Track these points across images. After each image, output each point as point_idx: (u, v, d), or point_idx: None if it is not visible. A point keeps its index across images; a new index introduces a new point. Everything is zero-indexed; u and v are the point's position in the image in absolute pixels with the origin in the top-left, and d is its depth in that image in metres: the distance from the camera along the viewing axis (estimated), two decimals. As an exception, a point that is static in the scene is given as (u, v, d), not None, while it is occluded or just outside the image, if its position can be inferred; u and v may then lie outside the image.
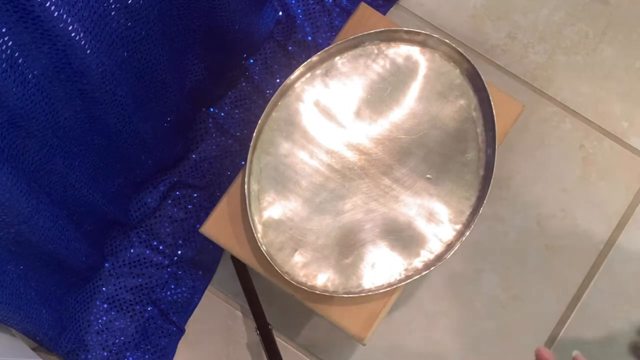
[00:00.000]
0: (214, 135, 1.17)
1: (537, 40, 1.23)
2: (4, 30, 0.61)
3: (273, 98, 0.88)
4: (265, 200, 0.88)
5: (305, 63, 0.89)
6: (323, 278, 0.85)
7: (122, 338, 1.11)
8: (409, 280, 0.85)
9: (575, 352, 0.68)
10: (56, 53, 0.67)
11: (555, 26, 1.24)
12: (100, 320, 1.11)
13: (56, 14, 0.63)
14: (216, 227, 0.90)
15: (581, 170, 1.18)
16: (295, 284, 0.84)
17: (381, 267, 0.86)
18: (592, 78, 1.22)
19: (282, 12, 1.20)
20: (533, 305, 1.14)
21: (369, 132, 0.89)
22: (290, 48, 1.19)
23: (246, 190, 0.87)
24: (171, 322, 1.12)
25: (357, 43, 0.90)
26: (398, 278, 0.86)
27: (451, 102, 0.89)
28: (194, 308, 1.14)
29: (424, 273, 0.85)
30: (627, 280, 1.15)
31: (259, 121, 0.88)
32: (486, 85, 0.87)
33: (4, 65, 0.62)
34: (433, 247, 0.86)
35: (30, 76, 0.67)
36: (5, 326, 0.87)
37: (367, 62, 0.90)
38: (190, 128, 1.16)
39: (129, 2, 0.74)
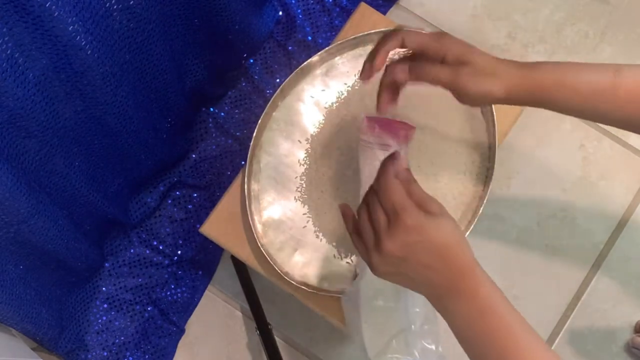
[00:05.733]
0: (214, 135, 1.17)
1: (537, 40, 1.23)
2: (4, 30, 0.61)
3: (273, 98, 0.88)
4: (265, 200, 0.88)
5: (305, 63, 0.89)
6: (323, 278, 0.85)
7: (122, 338, 1.11)
8: (409, 280, 0.85)
9: None
10: (57, 53, 0.67)
11: (555, 26, 1.24)
12: (100, 320, 1.11)
13: (57, 14, 0.63)
14: (216, 227, 0.90)
15: (581, 170, 1.18)
16: (295, 284, 0.84)
17: (381, 267, 0.86)
18: (592, 78, 1.22)
19: (282, 12, 1.20)
20: (533, 305, 1.14)
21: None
22: (290, 48, 1.19)
23: (246, 190, 0.87)
24: (171, 322, 1.12)
25: (357, 43, 0.90)
26: (398, 278, 0.85)
27: (451, 101, 0.89)
28: (194, 308, 1.14)
29: (424, 273, 0.85)
30: (627, 280, 1.15)
31: (259, 121, 0.88)
32: (486, 85, 0.87)
33: (4, 65, 0.62)
34: (433, 247, 0.86)
35: (30, 76, 0.67)
36: (5, 326, 0.87)
37: (367, 62, 0.90)
38: (190, 128, 1.16)
39: (131, 2, 0.74)
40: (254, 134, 0.88)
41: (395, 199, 0.60)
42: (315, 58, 0.89)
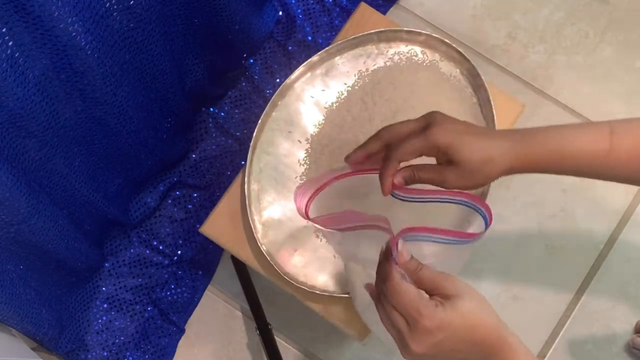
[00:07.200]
0: (214, 135, 1.17)
1: (537, 40, 1.23)
2: (4, 30, 0.61)
3: (273, 98, 0.88)
4: (265, 200, 0.88)
5: (305, 63, 0.89)
6: (323, 278, 0.85)
7: (122, 338, 1.11)
8: (409, 281, 0.85)
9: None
10: (57, 53, 0.67)
11: (555, 26, 1.24)
12: (100, 320, 1.11)
13: (57, 14, 0.63)
14: (216, 227, 0.90)
15: (581, 170, 1.18)
16: (295, 284, 0.84)
17: (381, 267, 0.86)
18: (592, 78, 1.22)
19: (282, 12, 1.20)
20: (533, 305, 1.14)
21: (369, 132, 0.89)
22: (290, 48, 1.19)
23: (246, 190, 0.87)
24: (171, 322, 1.12)
25: (357, 43, 0.90)
26: (398, 278, 0.85)
27: (451, 102, 0.89)
28: (194, 308, 1.14)
29: (424, 273, 0.85)
30: (627, 280, 1.15)
31: (259, 121, 0.88)
32: (486, 85, 0.87)
33: (4, 65, 0.62)
34: (433, 247, 0.86)
35: (30, 76, 0.67)
36: (5, 326, 0.87)
37: (367, 62, 0.90)
38: (190, 128, 1.16)
39: (131, 2, 0.74)
40: (254, 134, 0.88)
41: (409, 305, 0.59)
42: (315, 58, 0.89)
